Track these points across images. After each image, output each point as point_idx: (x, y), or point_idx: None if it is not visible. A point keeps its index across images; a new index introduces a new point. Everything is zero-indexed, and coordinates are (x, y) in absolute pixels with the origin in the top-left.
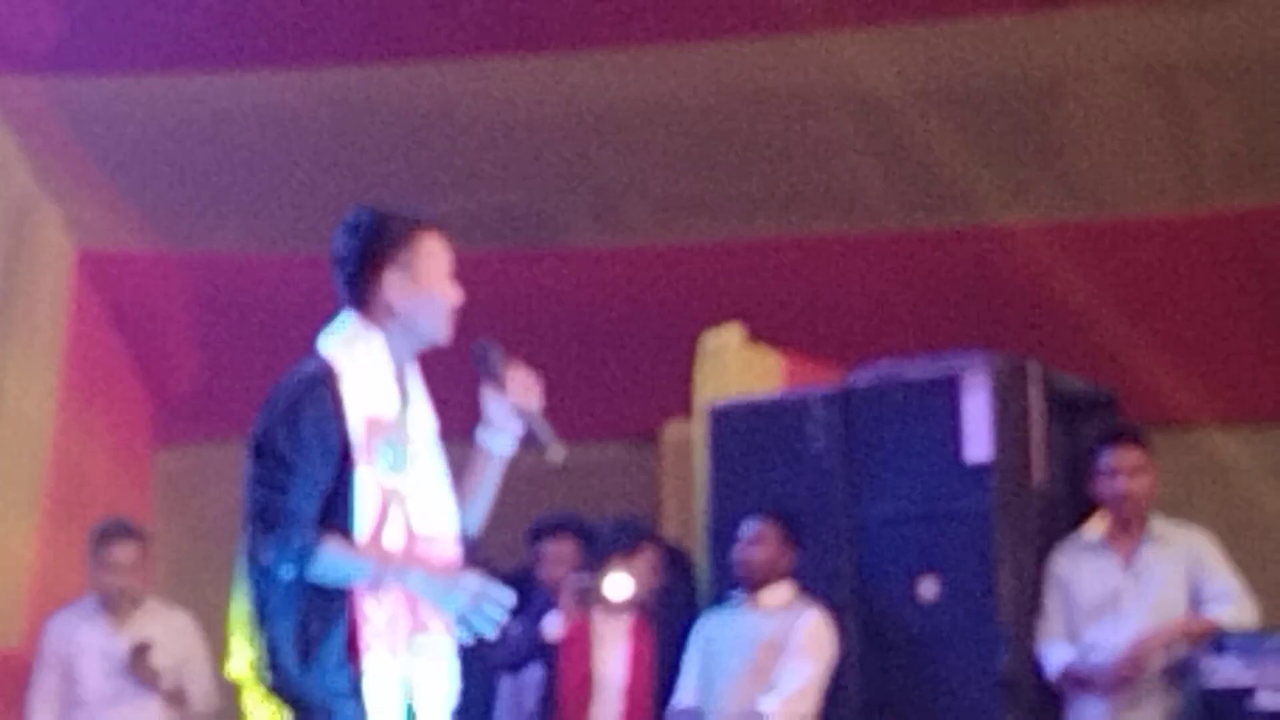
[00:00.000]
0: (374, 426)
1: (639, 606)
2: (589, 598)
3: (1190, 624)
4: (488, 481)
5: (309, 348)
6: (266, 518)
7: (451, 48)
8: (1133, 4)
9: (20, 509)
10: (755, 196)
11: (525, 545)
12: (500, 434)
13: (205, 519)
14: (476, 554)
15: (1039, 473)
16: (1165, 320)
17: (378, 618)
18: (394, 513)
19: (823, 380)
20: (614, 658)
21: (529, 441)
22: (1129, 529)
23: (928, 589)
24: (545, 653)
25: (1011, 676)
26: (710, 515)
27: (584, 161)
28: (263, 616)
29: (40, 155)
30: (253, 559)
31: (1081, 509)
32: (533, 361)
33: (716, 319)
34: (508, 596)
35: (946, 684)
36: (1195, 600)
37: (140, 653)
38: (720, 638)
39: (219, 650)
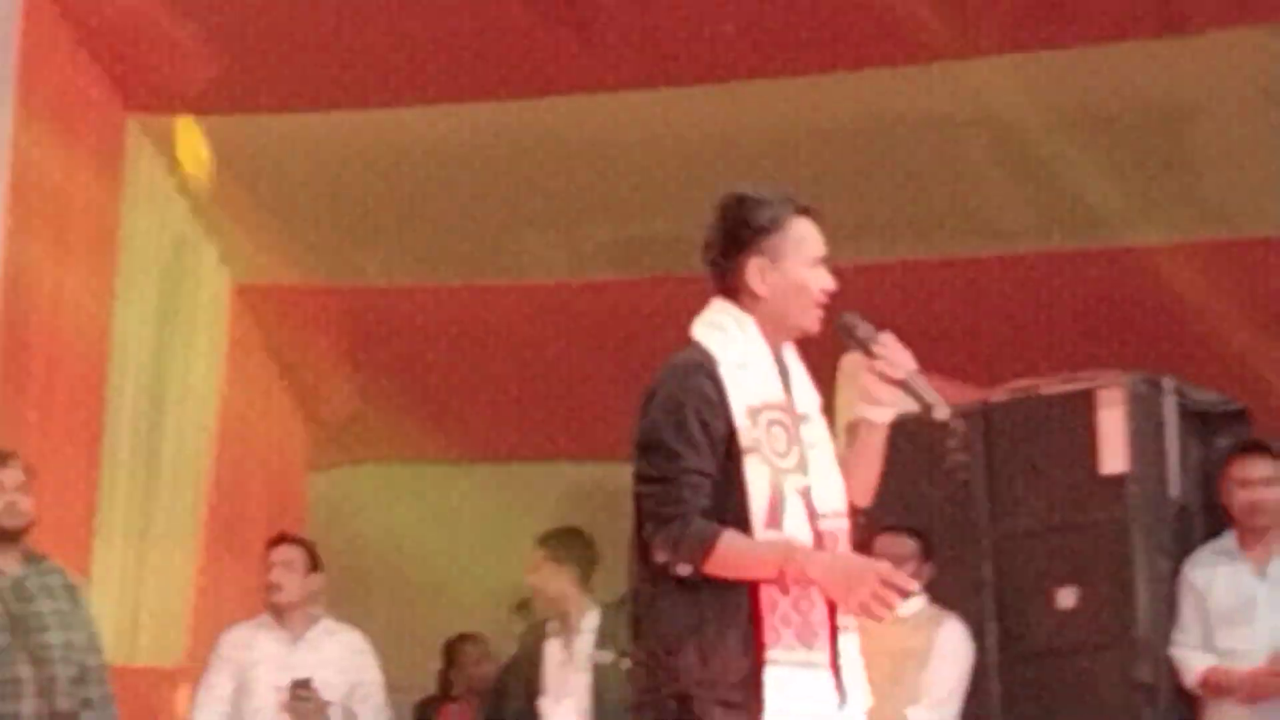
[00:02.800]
0: (760, 412)
1: None
2: None
3: None
4: (874, 452)
5: (455, 374)
6: (659, 514)
7: (598, 82)
8: (1263, 27)
9: (182, 532)
10: (896, 221)
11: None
12: (881, 405)
13: (358, 540)
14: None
15: (1174, 484)
16: None
17: (784, 609)
18: (790, 498)
19: (963, 398)
20: None
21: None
22: (1262, 538)
23: (1066, 598)
24: None
25: (1150, 683)
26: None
27: (714, 188)
28: (656, 615)
29: (195, 191)
30: (644, 558)
31: (1215, 519)
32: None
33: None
34: (909, 583)
35: (1085, 691)
36: None
37: (299, 689)
38: (873, 646)
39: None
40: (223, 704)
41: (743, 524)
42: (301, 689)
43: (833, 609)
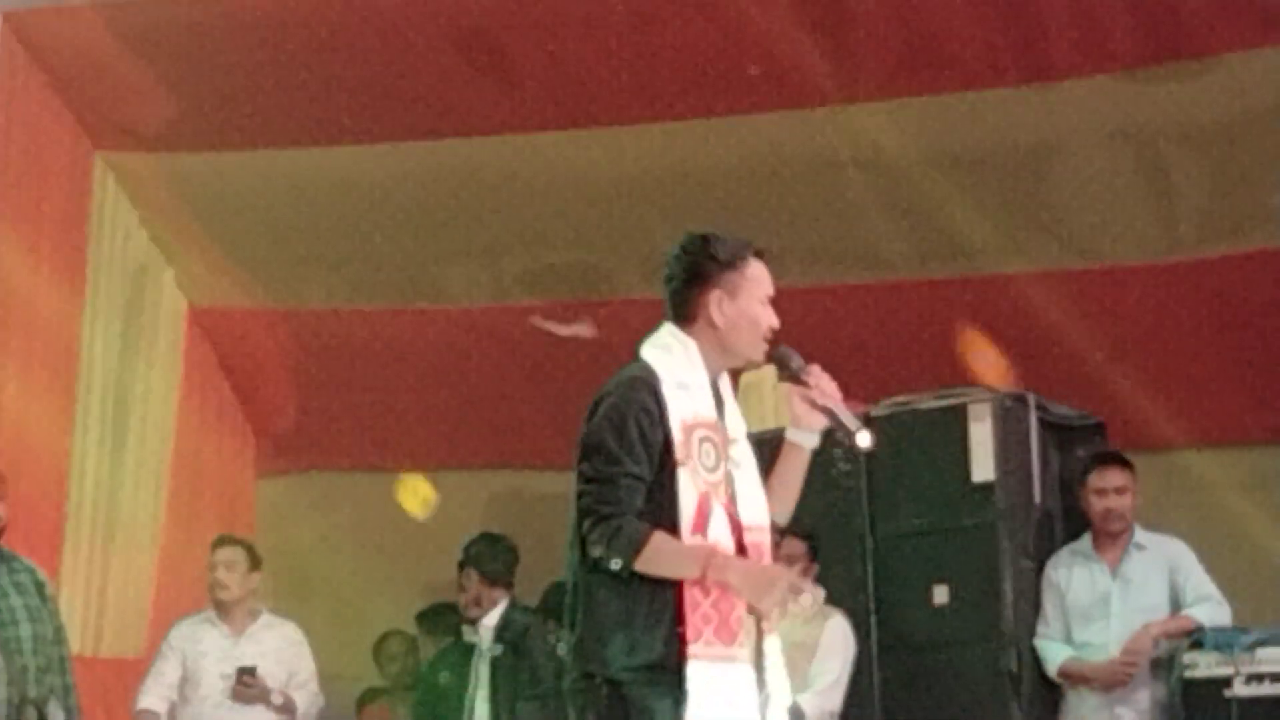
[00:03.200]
0: (693, 428)
1: None
2: None
3: (1173, 623)
4: (796, 474)
5: (389, 390)
6: (597, 511)
7: (518, 124)
8: (1115, 76)
9: (143, 534)
10: (786, 251)
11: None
12: (807, 428)
13: (302, 541)
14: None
15: (1037, 491)
16: (1146, 356)
17: (705, 607)
18: (716, 509)
19: (849, 413)
20: None
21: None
22: (1116, 540)
23: (940, 595)
24: None
25: (1015, 673)
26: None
27: (631, 224)
28: (590, 603)
29: (155, 222)
30: (581, 552)
31: (1074, 523)
32: (587, 396)
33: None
34: (816, 591)
35: (957, 681)
36: (1176, 602)
37: (244, 677)
38: None
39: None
40: (169, 690)
41: (672, 528)
42: (248, 676)
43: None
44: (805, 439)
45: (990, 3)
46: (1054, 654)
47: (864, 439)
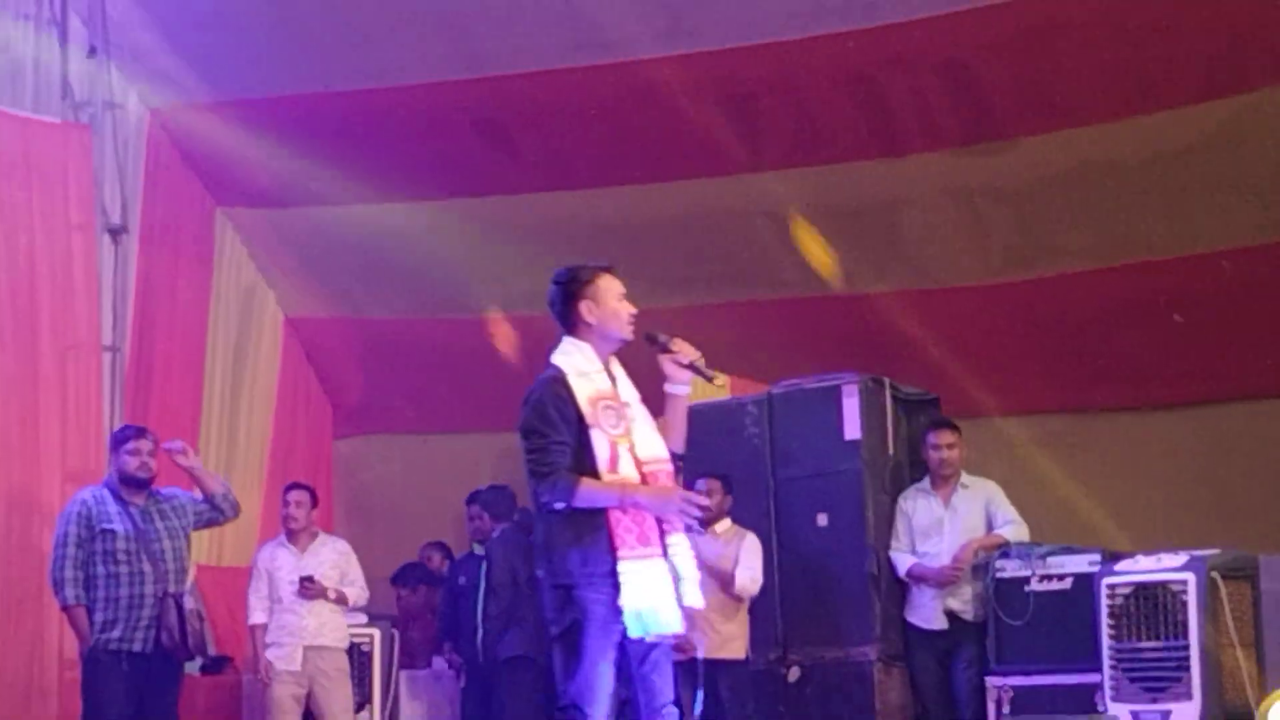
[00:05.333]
0: (596, 401)
1: None
2: None
3: (989, 540)
4: (680, 415)
5: (429, 374)
6: (538, 472)
7: (516, 187)
8: (945, 153)
9: (251, 481)
10: (711, 276)
11: None
12: (679, 383)
13: (366, 486)
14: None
15: (891, 446)
16: (968, 350)
17: (627, 524)
18: (623, 453)
19: (754, 391)
20: None
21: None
22: (947, 481)
23: (821, 520)
24: None
25: (875, 575)
26: (684, 477)
27: (598, 256)
28: (550, 537)
29: (260, 256)
30: (537, 501)
31: (917, 469)
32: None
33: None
34: (702, 500)
35: (834, 581)
36: (990, 525)
37: (305, 582)
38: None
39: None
40: (265, 601)
41: (594, 473)
42: (307, 581)
43: (659, 522)
44: (678, 389)
45: (856, 100)
46: (903, 562)
47: (719, 379)
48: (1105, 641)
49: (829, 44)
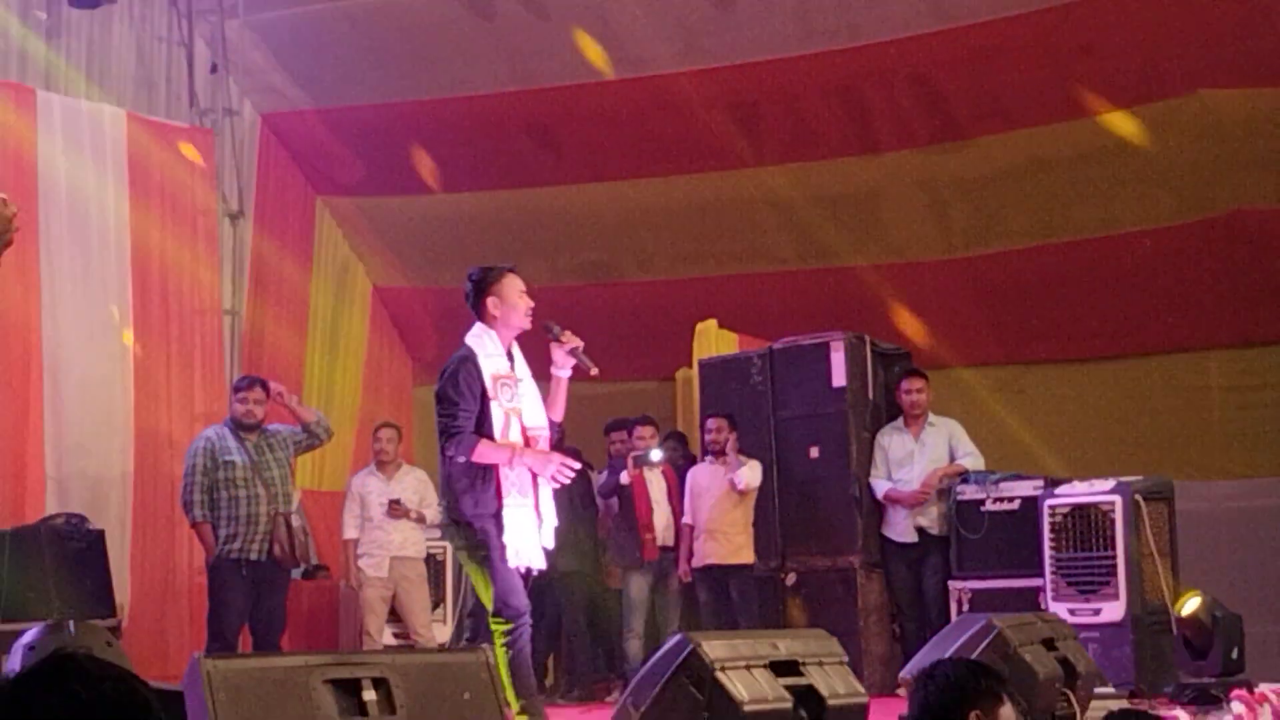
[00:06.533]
0: (496, 379)
1: (667, 463)
2: (641, 461)
3: (951, 469)
4: (561, 394)
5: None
6: (447, 430)
7: (561, 179)
8: (916, 150)
9: (345, 421)
10: (721, 253)
11: (604, 435)
12: (562, 368)
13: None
14: (563, 440)
15: (871, 391)
16: (934, 313)
17: (511, 478)
18: (513, 422)
19: (757, 346)
20: (658, 490)
21: (578, 368)
22: (917, 420)
23: (814, 452)
24: (622, 490)
25: (858, 498)
26: (700, 416)
27: (628, 236)
28: (450, 481)
29: (351, 236)
30: (443, 453)
31: (893, 410)
32: (605, 339)
33: (703, 316)
34: (575, 464)
35: (823, 503)
36: (952, 456)
37: (394, 505)
38: (706, 480)
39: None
40: (357, 519)
41: (490, 435)
42: (395, 504)
43: (535, 477)
44: (562, 374)
45: (841, 107)
46: (880, 487)
47: (594, 369)
48: (1047, 552)
49: (819, 61)
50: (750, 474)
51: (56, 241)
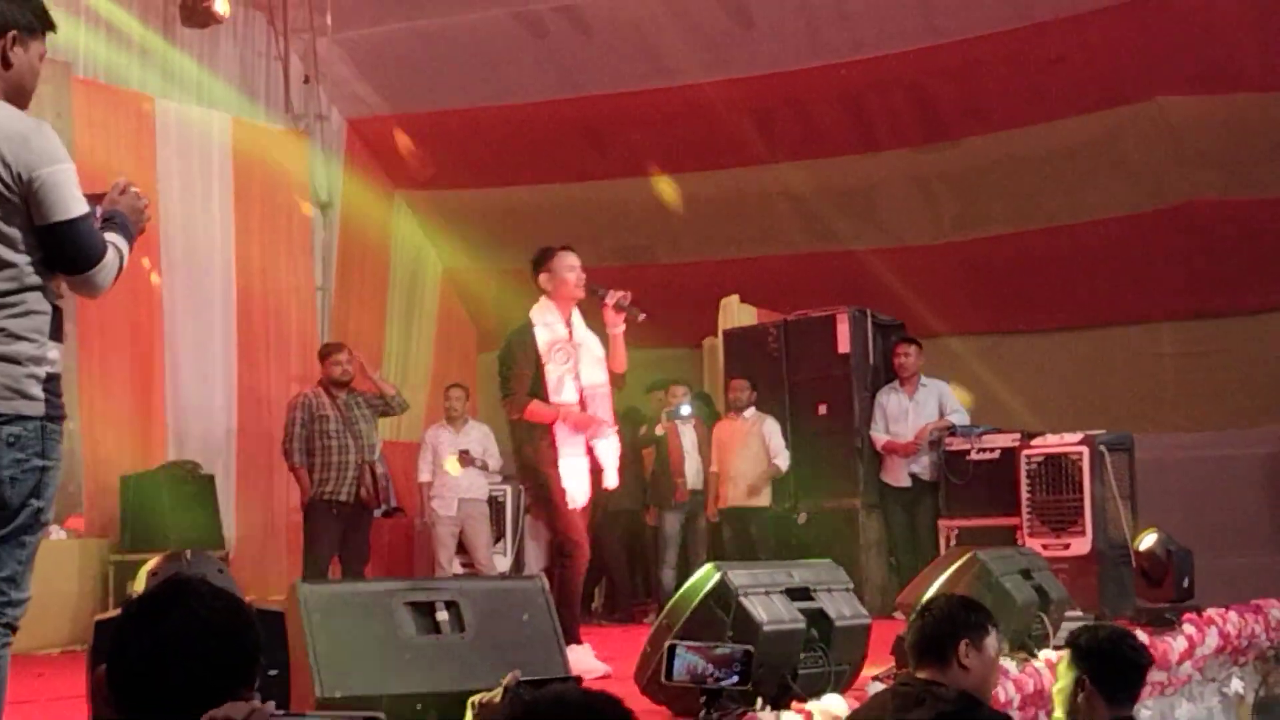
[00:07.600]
0: (552, 345)
1: (695, 419)
2: (674, 415)
3: (940, 423)
4: (619, 348)
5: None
6: (506, 391)
7: (606, 173)
8: (909, 149)
9: (419, 382)
10: (742, 239)
11: (645, 393)
12: (615, 325)
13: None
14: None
15: (871, 356)
16: (926, 289)
17: (565, 433)
18: (566, 383)
19: (774, 319)
20: (689, 441)
21: (630, 320)
22: (911, 381)
23: (822, 410)
24: (658, 440)
25: (860, 448)
26: (725, 378)
27: (661, 224)
28: (517, 437)
29: (425, 224)
30: (509, 415)
31: (890, 373)
32: (642, 311)
33: (727, 292)
34: (611, 426)
35: (830, 452)
36: (941, 413)
37: (463, 454)
38: (729, 434)
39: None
40: (430, 465)
41: (545, 395)
42: (464, 453)
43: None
44: (616, 330)
45: (845, 111)
46: (879, 439)
47: (642, 316)
48: (1024, 495)
49: (826, 72)
50: (784, 458)
51: (173, 228)
